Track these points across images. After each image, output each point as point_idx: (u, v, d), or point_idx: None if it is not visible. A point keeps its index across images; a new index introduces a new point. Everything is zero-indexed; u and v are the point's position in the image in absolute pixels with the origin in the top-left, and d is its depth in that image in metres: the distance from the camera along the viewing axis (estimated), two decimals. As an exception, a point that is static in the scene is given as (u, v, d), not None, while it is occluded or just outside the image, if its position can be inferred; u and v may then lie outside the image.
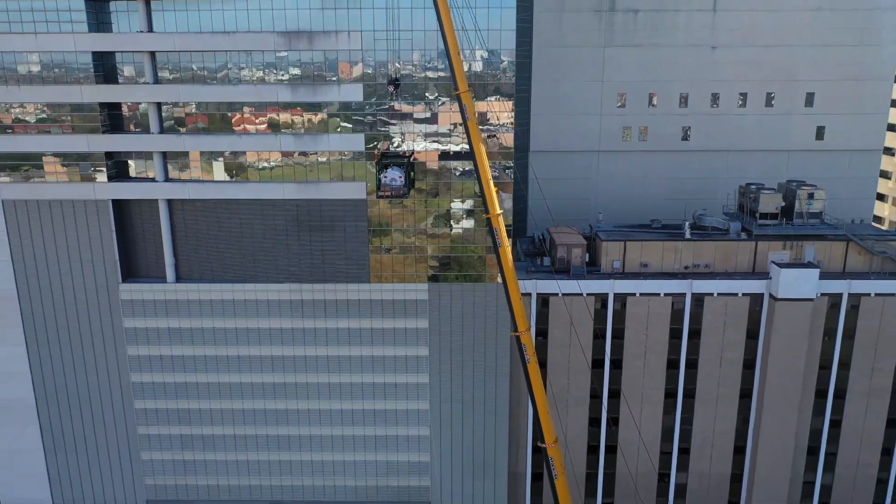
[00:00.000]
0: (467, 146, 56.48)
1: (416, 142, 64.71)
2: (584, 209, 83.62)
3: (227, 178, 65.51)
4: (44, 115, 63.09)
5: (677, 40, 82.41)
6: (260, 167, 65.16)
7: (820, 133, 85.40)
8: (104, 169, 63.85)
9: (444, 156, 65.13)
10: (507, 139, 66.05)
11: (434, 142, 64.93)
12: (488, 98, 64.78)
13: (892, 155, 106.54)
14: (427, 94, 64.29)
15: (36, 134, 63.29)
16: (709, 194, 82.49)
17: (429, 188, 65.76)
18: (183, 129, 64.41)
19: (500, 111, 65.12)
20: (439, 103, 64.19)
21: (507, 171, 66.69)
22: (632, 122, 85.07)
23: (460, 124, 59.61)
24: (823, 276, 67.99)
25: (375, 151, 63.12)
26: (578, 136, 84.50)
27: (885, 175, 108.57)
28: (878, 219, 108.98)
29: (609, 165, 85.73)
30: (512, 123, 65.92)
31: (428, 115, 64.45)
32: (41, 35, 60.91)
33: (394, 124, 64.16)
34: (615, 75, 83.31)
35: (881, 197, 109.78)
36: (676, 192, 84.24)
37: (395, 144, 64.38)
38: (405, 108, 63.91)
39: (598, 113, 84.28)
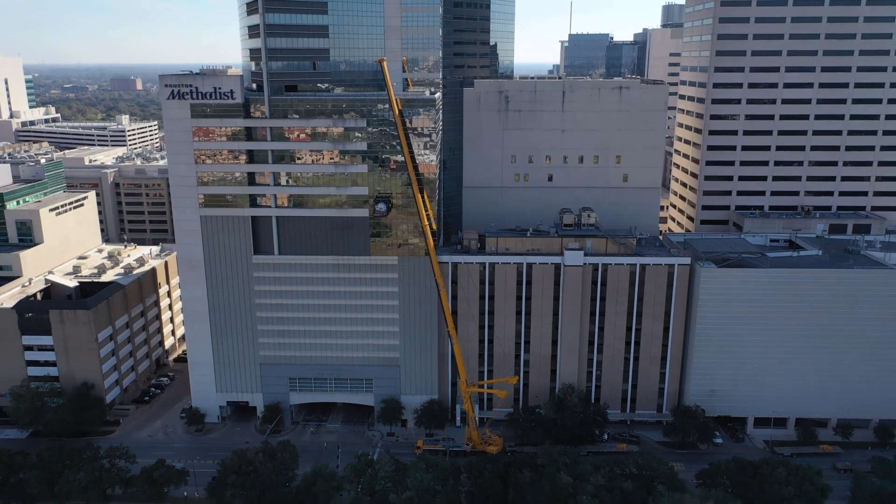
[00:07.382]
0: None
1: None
2: (492, 220, 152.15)
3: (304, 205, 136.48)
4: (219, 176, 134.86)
5: (543, 126, 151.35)
6: (319, 199, 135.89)
7: (625, 178, 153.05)
8: (248, 201, 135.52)
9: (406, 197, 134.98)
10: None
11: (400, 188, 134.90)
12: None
13: (686, 187, 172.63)
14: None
15: (219, 186, 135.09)
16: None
17: (398, 210, 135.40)
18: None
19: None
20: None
21: (435, 201, 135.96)
22: (520, 171, 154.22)
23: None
24: (594, 255, 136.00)
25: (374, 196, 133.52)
26: (490, 178, 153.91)
27: (686, 201, 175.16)
28: (682, 226, 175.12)
29: (508, 196, 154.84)
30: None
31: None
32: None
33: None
34: (509, 145, 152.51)
35: (684, 213, 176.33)
36: (546, 211, 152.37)
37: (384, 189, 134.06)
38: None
39: (500, 166, 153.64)
